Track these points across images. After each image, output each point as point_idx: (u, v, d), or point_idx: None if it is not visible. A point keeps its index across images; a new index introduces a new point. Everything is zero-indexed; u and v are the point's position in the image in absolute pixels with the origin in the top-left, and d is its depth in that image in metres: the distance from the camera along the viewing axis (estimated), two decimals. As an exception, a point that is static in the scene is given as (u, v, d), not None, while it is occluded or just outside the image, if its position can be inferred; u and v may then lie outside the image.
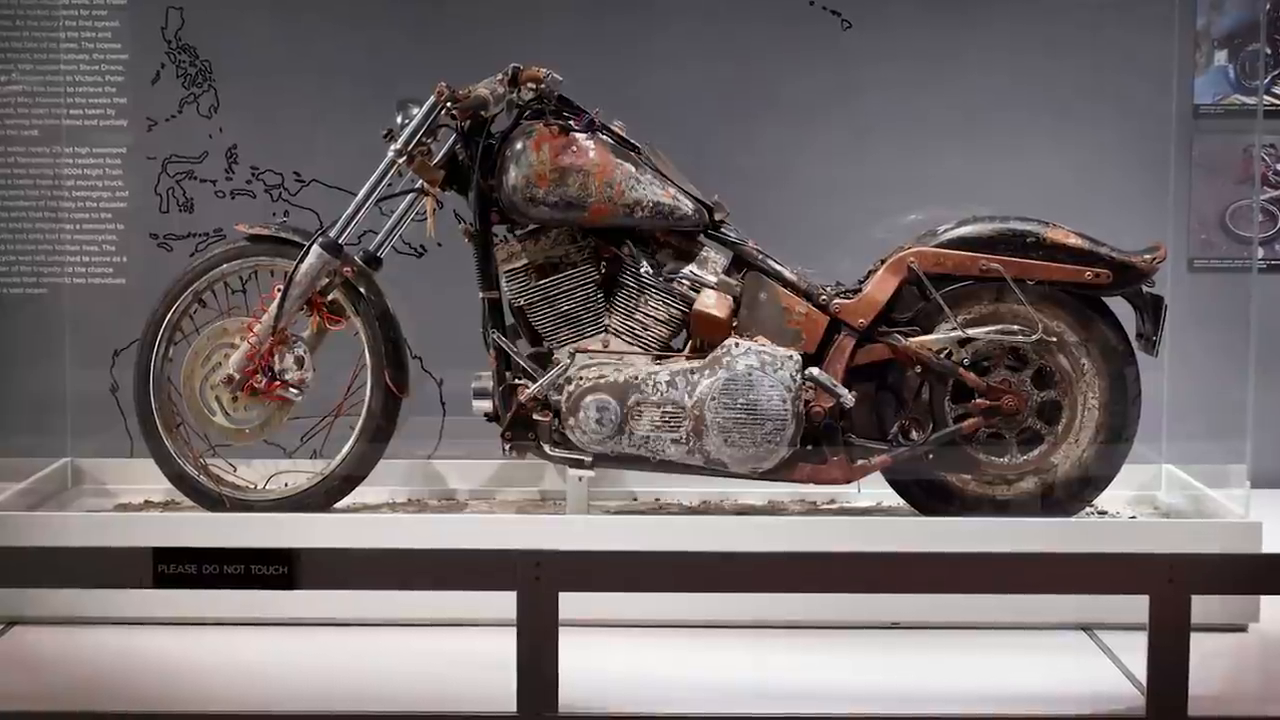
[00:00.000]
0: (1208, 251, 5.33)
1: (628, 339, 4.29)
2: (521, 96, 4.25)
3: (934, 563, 3.53)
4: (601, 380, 4.21)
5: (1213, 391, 4.73)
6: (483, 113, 4.22)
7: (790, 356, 4.21)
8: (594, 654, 3.84)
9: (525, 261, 4.29)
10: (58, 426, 4.86)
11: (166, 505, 4.60)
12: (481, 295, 4.30)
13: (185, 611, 4.04)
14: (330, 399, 4.48)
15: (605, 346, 4.28)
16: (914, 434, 4.29)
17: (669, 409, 4.20)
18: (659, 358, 4.26)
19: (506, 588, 3.37)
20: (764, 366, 4.19)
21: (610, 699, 3.65)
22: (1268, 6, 5.34)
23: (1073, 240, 4.26)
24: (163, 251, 5.14)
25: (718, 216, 4.34)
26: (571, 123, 4.24)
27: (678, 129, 4.89)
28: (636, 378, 4.21)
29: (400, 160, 4.28)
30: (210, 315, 4.46)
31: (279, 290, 4.35)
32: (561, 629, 3.39)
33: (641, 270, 4.27)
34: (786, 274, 4.32)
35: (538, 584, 3.36)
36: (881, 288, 4.28)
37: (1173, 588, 3.40)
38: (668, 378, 4.21)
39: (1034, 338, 4.25)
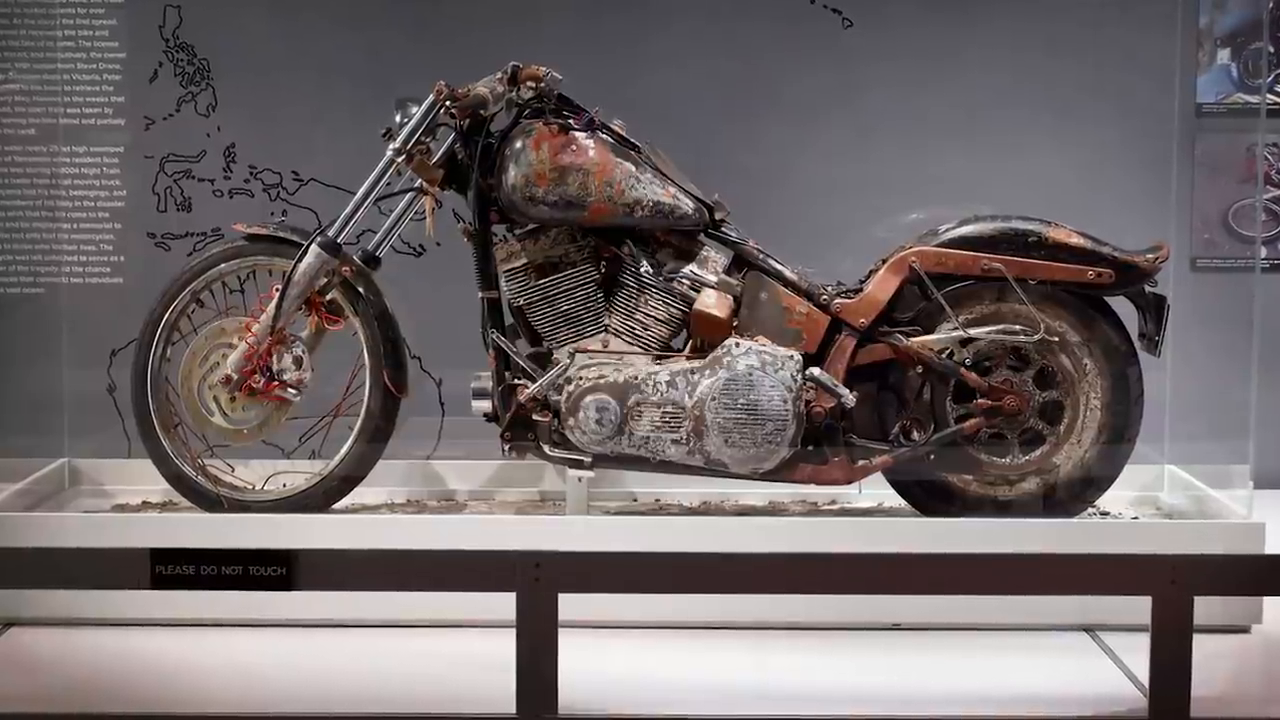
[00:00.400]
0: (1210, 251, 5.32)
1: (628, 339, 4.27)
2: (521, 95, 4.23)
3: (935, 564, 3.52)
4: (601, 380, 4.20)
5: (1215, 392, 4.72)
6: (482, 112, 4.21)
7: (791, 356, 4.20)
8: (594, 655, 3.83)
9: (525, 261, 4.28)
10: (55, 427, 4.85)
11: (164, 506, 4.59)
12: (481, 295, 4.29)
13: (183, 612, 4.04)
14: (329, 399, 4.47)
15: (605, 346, 4.26)
16: (915, 434, 4.28)
17: (669, 409, 4.18)
18: (659, 358, 4.25)
19: (506, 589, 3.37)
20: (765, 366, 4.18)
21: (610, 701, 3.64)
22: (1270, 5, 5.33)
23: (1075, 240, 4.24)
24: (160, 251, 5.13)
25: (718, 216, 4.33)
26: (571, 121, 4.23)
27: (678, 128, 4.88)
28: (636, 378, 4.20)
29: (399, 159, 4.27)
30: (208, 315, 4.45)
31: (277, 290, 4.34)
32: (561, 630, 3.38)
33: (641, 270, 4.26)
34: (787, 273, 4.31)
35: (537, 585, 3.35)
36: (883, 287, 4.27)
37: (1175, 589, 3.39)
38: (668, 378, 4.19)
39: (1036, 338, 4.24)
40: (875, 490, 4.47)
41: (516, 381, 4.26)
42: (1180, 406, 4.76)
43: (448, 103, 4.22)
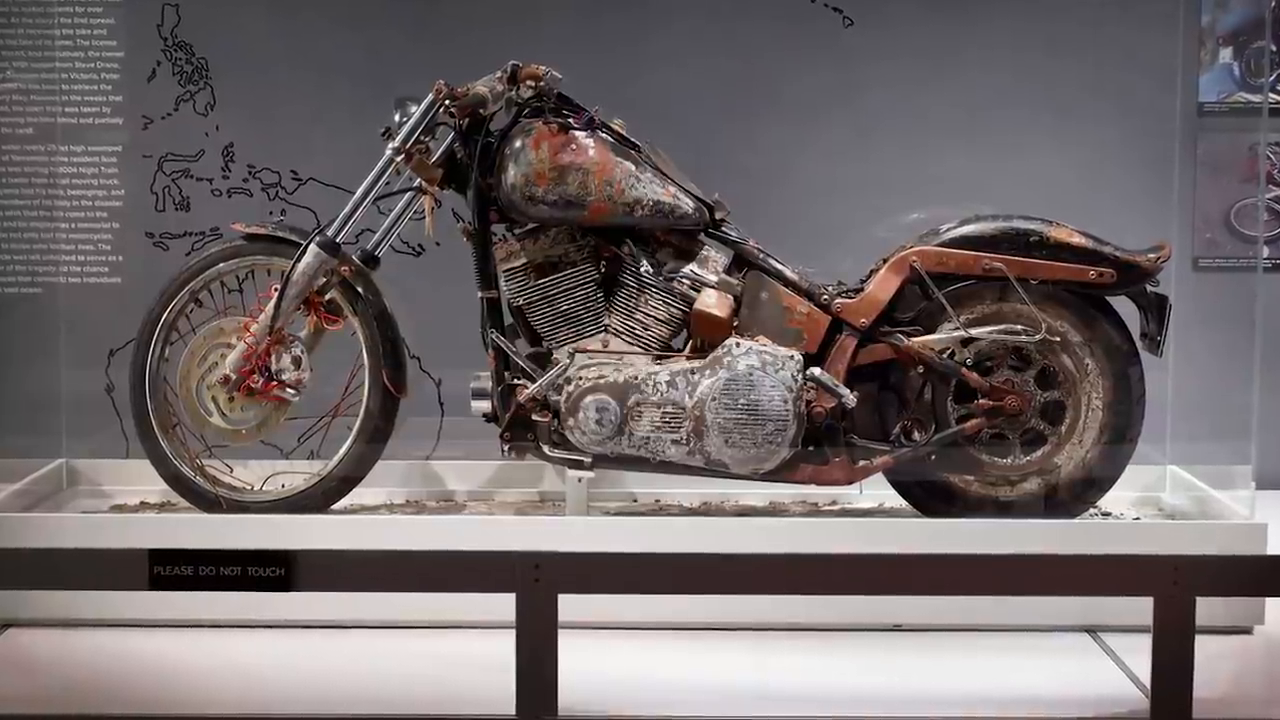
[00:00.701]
0: (1212, 251, 5.31)
1: (627, 339, 4.26)
2: (520, 94, 4.22)
3: (936, 564, 3.51)
4: (601, 380, 4.18)
5: (1217, 392, 4.71)
6: (481, 111, 4.20)
7: (791, 356, 4.19)
8: (594, 656, 3.82)
9: (524, 261, 4.27)
10: (53, 427, 4.84)
11: (162, 506, 4.58)
12: (480, 295, 4.28)
13: (181, 613, 4.03)
14: (328, 399, 4.47)
15: (605, 346, 4.25)
16: (916, 435, 4.27)
17: (669, 409, 4.17)
18: (659, 358, 4.24)
19: (505, 589, 3.36)
20: (765, 367, 4.17)
21: (610, 702, 3.64)
22: (1273, 4, 5.32)
23: (1076, 239, 4.23)
24: (159, 250, 5.12)
25: (718, 215, 4.32)
26: (571, 121, 4.21)
27: (678, 127, 4.87)
28: (636, 378, 4.18)
29: (398, 158, 4.26)
30: (207, 315, 4.44)
31: (276, 290, 4.33)
32: (561, 631, 3.37)
33: (641, 269, 4.25)
34: (788, 273, 4.30)
35: (537, 585, 3.34)
36: (883, 287, 4.26)
37: (1177, 589, 3.38)
38: (668, 378, 4.18)
39: (1037, 338, 4.23)
40: (876, 491, 4.46)
41: (516, 381, 4.25)
42: (1182, 407, 4.75)
43: (447, 102, 4.21)
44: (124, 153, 5.08)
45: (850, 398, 4.19)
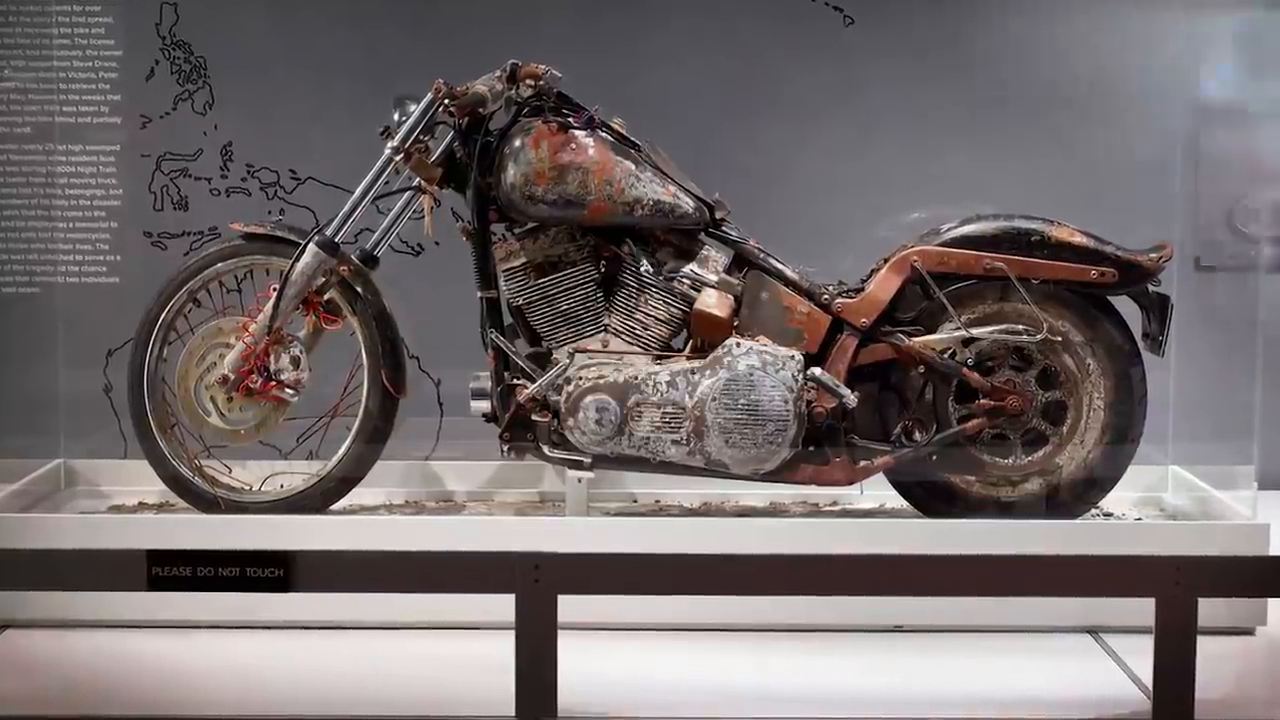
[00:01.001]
0: (1214, 251, 5.30)
1: (627, 339, 4.25)
2: (520, 94, 4.22)
3: (938, 565, 3.50)
4: (601, 380, 4.18)
5: (1219, 392, 4.71)
6: (481, 110, 4.19)
7: (792, 356, 4.18)
8: (593, 657, 3.82)
9: (524, 260, 4.26)
10: (51, 427, 4.83)
11: (161, 507, 4.57)
12: (480, 294, 4.27)
13: (180, 614, 4.02)
14: (327, 399, 4.46)
15: (605, 346, 4.24)
16: (917, 435, 4.26)
17: (669, 409, 4.16)
18: (659, 358, 4.23)
19: (505, 590, 3.35)
20: (765, 367, 4.16)
21: (610, 703, 3.63)
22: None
23: (1078, 239, 4.23)
24: (157, 250, 5.11)
25: (718, 215, 4.31)
26: (570, 120, 4.21)
27: (678, 126, 4.86)
28: (636, 378, 4.17)
29: (397, 158, 4.25)
30: (205, 315, 4.44)
31: (274, 290, 4.32)
32: (560, 632, 3.36)
33: (641, 269, 4.24)
34: (788, 273, 4.29)
35: (537, 586, 3.34)
36: (884, 287, 4.25)
37: (1179, 590, 3.38)
38: (668, 378, 4.17)
39: (1039, 337, 4.22)
40: (877, 491, 4.46)
41: (516, 382, 4.24)
42: (1184, 407, 4.75)
43: (446, 101, 4.20)
44: (122, 152, 5.06)
45: (851, 398, 4.18)
